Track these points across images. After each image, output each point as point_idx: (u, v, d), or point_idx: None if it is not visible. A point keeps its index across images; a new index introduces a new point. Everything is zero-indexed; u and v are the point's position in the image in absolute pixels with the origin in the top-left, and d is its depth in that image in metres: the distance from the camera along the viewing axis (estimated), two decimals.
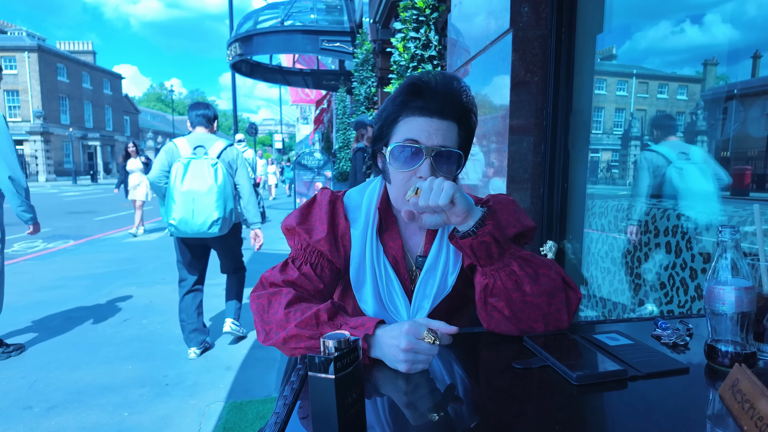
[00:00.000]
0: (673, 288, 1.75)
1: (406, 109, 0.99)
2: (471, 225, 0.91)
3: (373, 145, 1.07)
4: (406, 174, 0.98)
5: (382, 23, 6.82)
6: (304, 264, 1.04)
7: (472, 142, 1.07)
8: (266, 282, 1.02)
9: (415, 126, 0.97)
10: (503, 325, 0.95)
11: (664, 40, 1.95)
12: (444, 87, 0.98)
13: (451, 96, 0.98)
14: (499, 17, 2.30)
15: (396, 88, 1.05)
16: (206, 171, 2.88)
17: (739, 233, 0.75)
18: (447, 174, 0.99)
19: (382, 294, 1.06)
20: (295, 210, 1.11)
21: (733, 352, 0.76)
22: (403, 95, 0.99)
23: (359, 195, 1.12)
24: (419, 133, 0.97)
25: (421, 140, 0.96)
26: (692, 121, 1.92)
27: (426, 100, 0.97)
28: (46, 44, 39.15)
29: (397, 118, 1.00)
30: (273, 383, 2.82)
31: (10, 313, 4.14)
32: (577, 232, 2.32)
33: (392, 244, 1.09)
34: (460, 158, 1.00)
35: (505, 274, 0.92)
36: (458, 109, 0.99)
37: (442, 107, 0.97)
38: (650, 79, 2.14)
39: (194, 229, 2.87)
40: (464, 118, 1.02)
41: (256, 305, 0.98)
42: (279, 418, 0.63)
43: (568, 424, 0.64)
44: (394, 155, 0.99)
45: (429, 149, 0.96)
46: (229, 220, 2.99)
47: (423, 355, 0.78)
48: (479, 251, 0.92)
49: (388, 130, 1.02)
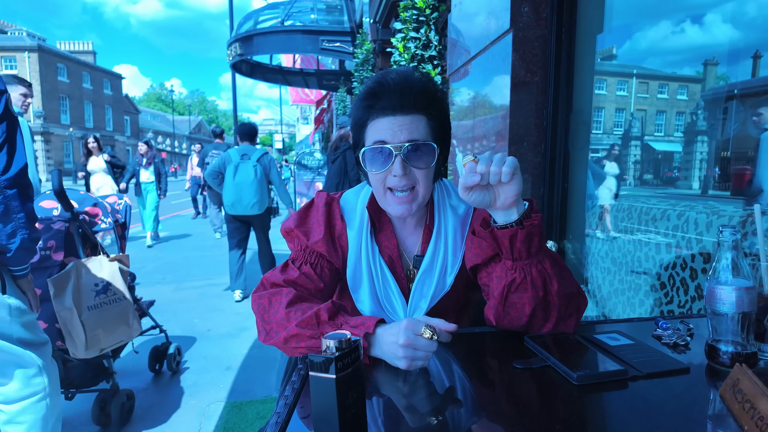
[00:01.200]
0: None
1: (370, 113, 1.00)
2: (515, 216, 0.88)
3: (355, 152, 1.08)
4: (381, 174, 1.00)
5: (382, 23, 6.82)
6: (304, 264, 1.05)
7: (449, 130, 1.07)
8: (267, 283, 1.03)
9: (380, 127, 0.98)
10: (516, 322, 0.93)
11: (664, 40, 1.95)
12: (398, 82, 0.99)
13: (408, 89, 0.98)
14: (499, 17, 2.30)
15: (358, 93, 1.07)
16: (249, 170, 4.26)
17: (740, 233, 0.75)
18: (423, 166, 0.99)
19: (379, 294, 1.06)
20: (294, 213, 1.13)
21: (733, 352, 0.76)
22: (365, 100, 1.01)
23: (355, 197, 1.13)
24: (384, 133, 0.98)
25: (388, 140, 0.97)
26: (692, 121, 1.92)
27: (384, 99, 0.98)
28: (46, 44, 39.17)
29: (364, 122, 1.01)
30: (273, 383, 2.82)
31: None
32: (577, 232, 2.32)
33: (387, 243, 1.09)
34: (434, 150, 0.99)
35: (537, 270, 0.90)
36: (419, 100, 0.99)
37: (400, 102, 0.97)
38: (650, 79, 2.14)
39: (241, 209, 4.27)
40: (431, 107, 1.01)
41: (257, 305, 0.98)
42: (280, 417, 0.63)
43: (568, 424, 0.64)
44: (366, 159, 1.00)
45: (397, 147, 0.96)
46: (263, 203, 4.35)
47: (422, 351, 0.78)
48: (522, 243, 0.88)
49: (359, 136, 1.04)
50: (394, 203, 1.01)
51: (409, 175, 0.99)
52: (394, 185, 0.99)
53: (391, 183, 1.00)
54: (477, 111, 2.65)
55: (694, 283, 1.65)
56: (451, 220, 1.08)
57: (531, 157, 2.28)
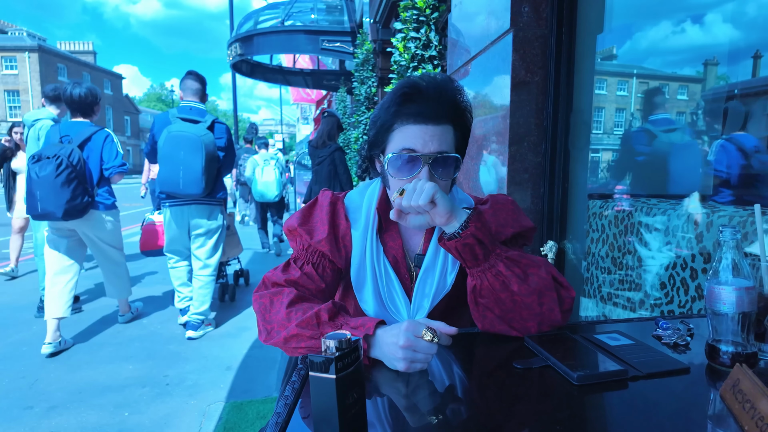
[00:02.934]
0: None
1: (400, 117, 0.98)
2: (456, 227, 0.91)
3: (370, 150, 1.07)
4: (406, 181, 0.98)
5: (382, 23, 6.82)
6: (306, 264, 1.04)
7: (468, 141, 1.07)
8: (269, 282, 1.03)
9: (410, 134, 0.97)
10: (497, 324, 0.95)
11: (664, 40, 1.95)
12: (436, 91, 0.97)
13: (444, 99, 0.98)
14: (499, 17, 2.30)
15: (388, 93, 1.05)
16: (271, 171, 6.33)
17: (740, 233, 0.75)
18: (445, 177, 0.99)
19: (383, 294, 1.06)
20: (297, 212, 1.12)
21: (734, 352, 0.76)
22: (396, 103, 0.98)
23: (359, 196, 1.13)
24: (415, 141, 0.96)
25: (418, 148, 0.96)
26: (693, 121, 1.92)
27: (419, 106, 0.96)
28: (46, 44, 39.17)
29: (391, 126, 0.99)
30: (273, 383, 2.82)
31: (11, 312, 4.14)
32: (577, 232, 2.32)
33: (392, 243, 1.09)
34: (457, 161, 1.00)
35: (492, 274, 0.92)
36: (452, 111, 0.99)
37: (435, 112, 0.96)
38: (651, 79, 2.14)
39: (267, 198, 6.35)
40: (459, 119, 1.01)
41: (259, 305, 0.98)
42: (280, 417, 0.63)
43: (568, 424, 0.64)
44: (392, 164, 0.99)
45: (426, 157, 0.95)
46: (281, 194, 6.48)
47: (421, 353, 0.78)
48: (464, 253, 0.92)
49: (383, 137, 1.01)
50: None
51: None
52: None
53: None
54: (477, 111, 2.65)
55: (695, 283, 1.65)
56: None
57: (531, 157, 2.28)
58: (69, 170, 2.94)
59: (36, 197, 2.90)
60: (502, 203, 1.10)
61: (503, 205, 1.09)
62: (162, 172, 3.23)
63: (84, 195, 3.05)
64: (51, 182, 2.89)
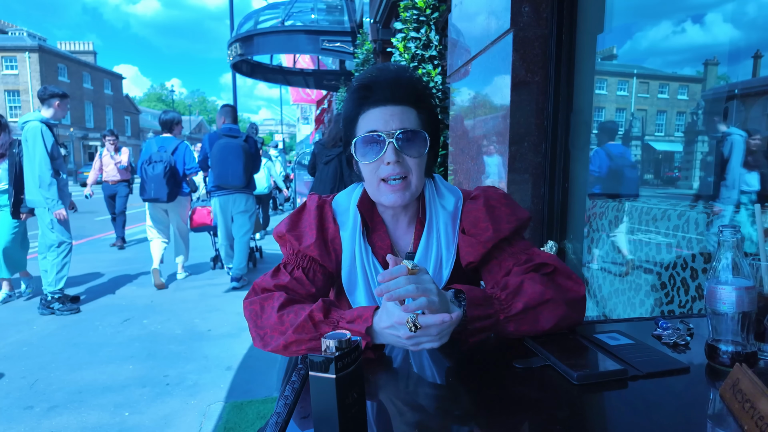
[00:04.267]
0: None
1: (361, 107, 1.01)
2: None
3: (345, 152, 1.08)
4: (374, 164, 1.00)
5: (382, 23, 6.82)
6: (296, 269, 1.04)
7: (438, 124, 1.09)
8: (258, 288, 1.02)
9: (372, 117, 1.00)
10: None
11: (664, 40, 1.95)
12: (390, 77, 1.01)
13: (401, 83, 1.01)
14: (499, 17, 2.30)
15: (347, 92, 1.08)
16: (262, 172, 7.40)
17: (740, 233, 0.75)
18: (416, 155, 1.00)
19: (375, 294, 1.06)
20: (286, 217, 1.11)
21: (733, 352, 0.76)
22: (356, 96, 1.02)
23: (347, 198, 1.12)
24: (376, 123, 0.99)
25: (380, 128, 0.98)
26: (693, 121, 1.92)
27: (375, 91, 1.00)
28: (46, 44, 39.16)
29: (355, 116, 1.03)
30: (273, 383, 2.82)
31: (11, 312, 4.14)
32: (577, 232, 2.32)
33: (381, 244, 1.09)
34: (425, 139, 1.01)
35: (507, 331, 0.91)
36: (412, 95, 1.01)
37: (392, 94, 0.99)
38: (651, 78, 2.14)
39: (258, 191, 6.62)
40: (420, 102, 1.03)
41: (249, 311, 0.98)
42: (280, 417, 0.63)
43: (568, 423, 0.64)
44: (358, 149, 1.01)
45: (389, 134, 0.97)
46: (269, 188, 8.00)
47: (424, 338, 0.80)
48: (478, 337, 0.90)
49: (350, 130, 1.04)
50: (387, 191, 1.01)
51: (402, 164, 0.99)
52: (387, 174, 0.99)
53: (384, 173, 0.99)
54: (477, 111, 2.65)
55: (695, 283, 1.65)
56: (441, 215, 1.08)
57: (531, 156, 2.28)
58: (169, 170, 4.65)
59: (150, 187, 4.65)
60: (494, 199, 1.07)
61: (496, 200, 1.07)
62: (215, 171, 4.68)
63: (176, 186, 4.77)
64: (160, 178, 4.60)
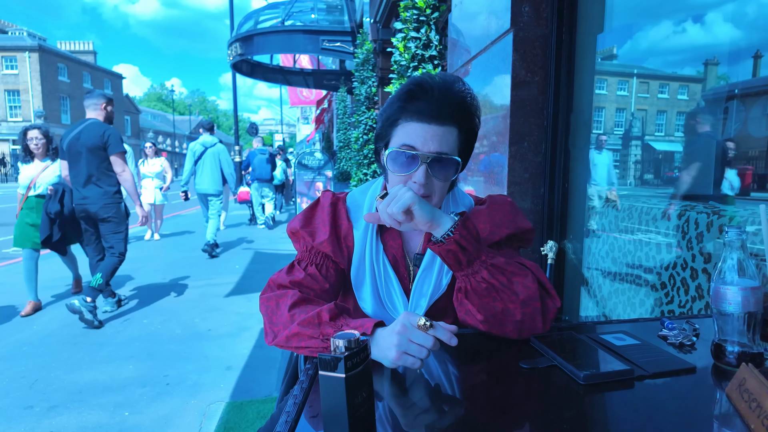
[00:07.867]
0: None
1: (405, 113, 0.98)
2: (441, 233, 0.90)
3: (376, 143, 1.08)
4: (402, 177, 0.98)
5: (382, 23, 6.82)
6: (309, 265, 1.05)
7: (473, 144, 1.06)
8: (274, 284, 1.03)
9: (411, 131, 0.97)
10: (480, 326, 0.94)
11: (665, 40, 1.95)
12: (441, 91, 0.97)
13: (450, 100, 0.97)
14: (499, 17, 2.31)
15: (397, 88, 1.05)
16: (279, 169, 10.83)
17: (746, 233, 0.76)
18: (443, 179, 0.99)
19: (381, 292, 1.06)
20: (299, 213, 1.12)
21: (740, 352, 0.76)
22: (402, 99, 0.99)
23: (361, 196, 1.13)
24: (415, 139, 0.96)
25: (417, 146, 0.96)
26: (693, 121, 1.92)
27: (423, 104, 0.96)
28: (46, 44, 39.06)
29: (396, 120, 0.99)
30: (273, 383, 2.82)
31: (10, 312, 4.13)
32: (577, 232, 2.32)
33: (392, 243, 1.09)
34: (457, 164, 0.99)
35: (475, 280, 0.91)
36: (457, 113, 0.98)
37: (438, 112, 0.95)
38: (651, 78, 2.14)
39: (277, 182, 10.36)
40: (465, 122, 1.00)
41: (266, 307, 0.99)
42: (290, 417, 0.63)
43: (575, 423, 0.64)
44: (390, 159, 0.99)
45: (424, 156, 0.95)
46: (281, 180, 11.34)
47: (415, 345, 0.77)
48: (447, 258, 0.91)
49: (387, 131, 1.02)
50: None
51: (429, 185, 0.98)
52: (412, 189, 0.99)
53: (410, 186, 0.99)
54: (480, 113, 2.65)
55: (695, 283, 1.65)
56: None
57: (531, 156, 2.28)
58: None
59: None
60: (499, 204, 1.10)
61: (500, 205, 1.09)
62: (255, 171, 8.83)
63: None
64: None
